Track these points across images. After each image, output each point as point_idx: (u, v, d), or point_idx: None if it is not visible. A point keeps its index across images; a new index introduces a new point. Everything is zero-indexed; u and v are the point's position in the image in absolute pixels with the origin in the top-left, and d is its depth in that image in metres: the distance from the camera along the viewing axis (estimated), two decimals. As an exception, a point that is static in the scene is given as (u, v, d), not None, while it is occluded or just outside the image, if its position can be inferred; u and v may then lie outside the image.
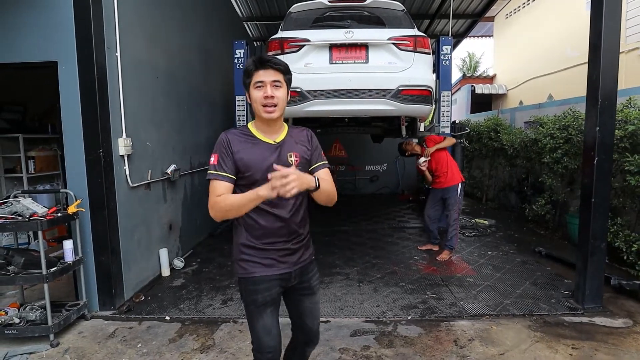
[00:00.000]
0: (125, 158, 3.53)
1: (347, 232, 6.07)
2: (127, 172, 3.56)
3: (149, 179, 3.97)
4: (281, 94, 1.63)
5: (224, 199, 1.58)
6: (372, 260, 4.65)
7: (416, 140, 5.40)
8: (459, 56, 20.43)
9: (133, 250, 3.72)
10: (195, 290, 3.86)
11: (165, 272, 4.24)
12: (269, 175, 1.38)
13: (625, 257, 3.94)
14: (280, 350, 1.78)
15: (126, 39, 3.56)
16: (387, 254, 4.93)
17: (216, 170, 1.62)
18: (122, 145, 3.47)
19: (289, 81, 1.68)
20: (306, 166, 1.72)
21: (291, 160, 1.67)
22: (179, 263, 4.46)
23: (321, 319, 3.15)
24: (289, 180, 1.35)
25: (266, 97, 1.60)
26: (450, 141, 4.87)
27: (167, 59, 4.48)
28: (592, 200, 3.19)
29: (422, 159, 4.73)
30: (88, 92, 3.20)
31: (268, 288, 1.69)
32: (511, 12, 12.13)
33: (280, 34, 4.01)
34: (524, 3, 11.33)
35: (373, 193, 9.65)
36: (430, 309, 3.37)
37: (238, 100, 5.87)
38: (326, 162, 1.77)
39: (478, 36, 15.76)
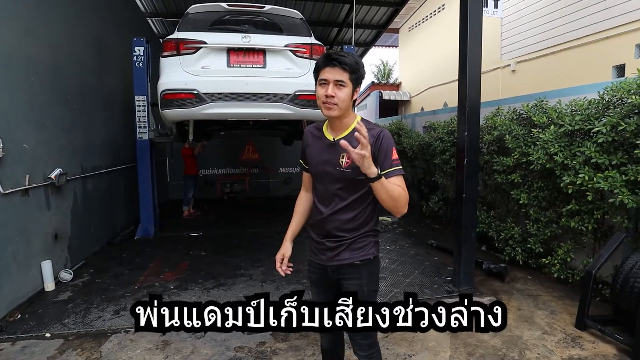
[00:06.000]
0: (-6, 161, 3.17)
1: (258, 234, 6.09)
2: (-3, 177, 3.19)
3: (26, 184, 3.60)
4: (343, 94, 1.60)
5: (300, 195, 1.99)
6: (278, 261, 4.72)
7: None
8: (373, 63, 21.65)
9: (6, 264, 3.33)
10: (84, 303, 3.59)
11: (49, 286, 3.87)
12: (355, 134, 1.40)
13: (496, 245, 4.55)
14: None
15: (-6, 29, 3.19)
16: (294, 253, 4.91)
17: (301, 160, 1.89)
18: (-11, 148, 3.11)
19: (356, 80, 1.63)
20: (358, 170, 1.55)
21: (342, 162, 1.65)
22: (66, 275, 4.09)
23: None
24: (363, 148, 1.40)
25: (327, 96, 1.59)
26: None
27: (50, 53, 4.09)
28: (463, 195, 3.63)
29: None
30: (-58, 87, 2.81)
31: (310, 270, 1.94)
32: (413, 25, 13.19)
33: (177, 35, 3.92)
34: (424, 18, 12.39)
35: (287, 195, 9.60)
36: (327, 302, 3.54)
37: (138, 100, 5.59)
38: (398, 169, 1.61)
39: (386, 46, 16.89)
